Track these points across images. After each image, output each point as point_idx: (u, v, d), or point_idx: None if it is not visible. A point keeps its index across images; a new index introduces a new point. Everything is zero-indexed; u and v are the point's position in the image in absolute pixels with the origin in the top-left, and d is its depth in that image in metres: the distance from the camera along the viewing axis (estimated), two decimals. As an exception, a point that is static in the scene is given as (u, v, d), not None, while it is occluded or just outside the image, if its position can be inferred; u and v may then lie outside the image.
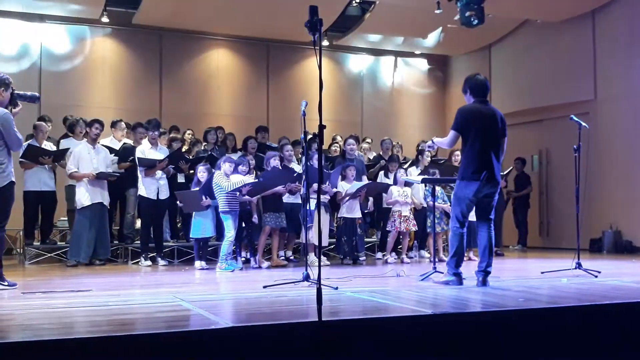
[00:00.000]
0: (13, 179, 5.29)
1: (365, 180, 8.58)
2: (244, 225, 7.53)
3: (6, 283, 5.26)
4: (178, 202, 7.74)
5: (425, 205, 8.71)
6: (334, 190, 8.08)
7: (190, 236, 7.71)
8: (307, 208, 6.35)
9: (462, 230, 5.43)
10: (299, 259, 8.44)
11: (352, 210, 8.10)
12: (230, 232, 7.12)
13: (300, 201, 7.93)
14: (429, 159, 9.20)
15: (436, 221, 8.09)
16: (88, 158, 7.82)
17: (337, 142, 10.16)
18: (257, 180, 7.41)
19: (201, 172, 7.62)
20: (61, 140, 8.75)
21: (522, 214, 11.37)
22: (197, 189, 7.48)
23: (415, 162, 9.43)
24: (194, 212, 7.58)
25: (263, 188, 7.39)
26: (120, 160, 8.45)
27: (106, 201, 7.98)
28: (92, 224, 7.77)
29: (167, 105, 11.64)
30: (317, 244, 5.84)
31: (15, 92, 5.37)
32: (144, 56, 11.65)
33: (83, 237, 7.73)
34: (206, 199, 7.37)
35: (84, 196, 7.77)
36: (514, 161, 11.30)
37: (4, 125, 5.15)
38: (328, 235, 8.19)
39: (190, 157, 8.71)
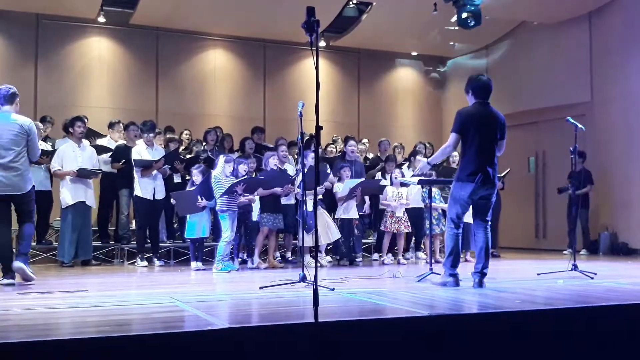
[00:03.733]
0: (34, 183, 5.71)
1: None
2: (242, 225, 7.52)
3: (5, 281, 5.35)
4: (172, 200, 7.71)
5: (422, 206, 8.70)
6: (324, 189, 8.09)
7: (185, 236, 7.71)
8: (305, 209, 6.33)
9: (457, 231, 5.45)
10: (297, 259, 8.44)
11: (348, 211, 8.10)
12: (227, 233, 7.10)
13: (293, 202, 7.93)
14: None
15: (434, 222, 8.09)
16: (73, 156, 7.79)
17: (334, 143, 10.14)
18: (248, 177, 7.38)
19: (196, 175, 7.62)
20: (56, 140, 8.74)
21: (585, 215, 10.35)
22: (193, 188, 7.48)
23: (407, 163, 9.41)
24: (188, 213, 7.58)
25: (257, 184, 7.38)
26: (114, 160, 8.44)
27: (90, 201, 7.89)
28: (75, 224, 7.70)
29: (163, 105, 11.62)
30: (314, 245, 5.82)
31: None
32: (141, 56, 11.62)
33: (66, 237, 7.69)
34: (202, 199, 7.36)
35: (67, 195, 7.73)
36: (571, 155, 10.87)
37: (30, 134, 5.50)
38: (335, 230, 7.97)
39: (190, 157, 8.69)
